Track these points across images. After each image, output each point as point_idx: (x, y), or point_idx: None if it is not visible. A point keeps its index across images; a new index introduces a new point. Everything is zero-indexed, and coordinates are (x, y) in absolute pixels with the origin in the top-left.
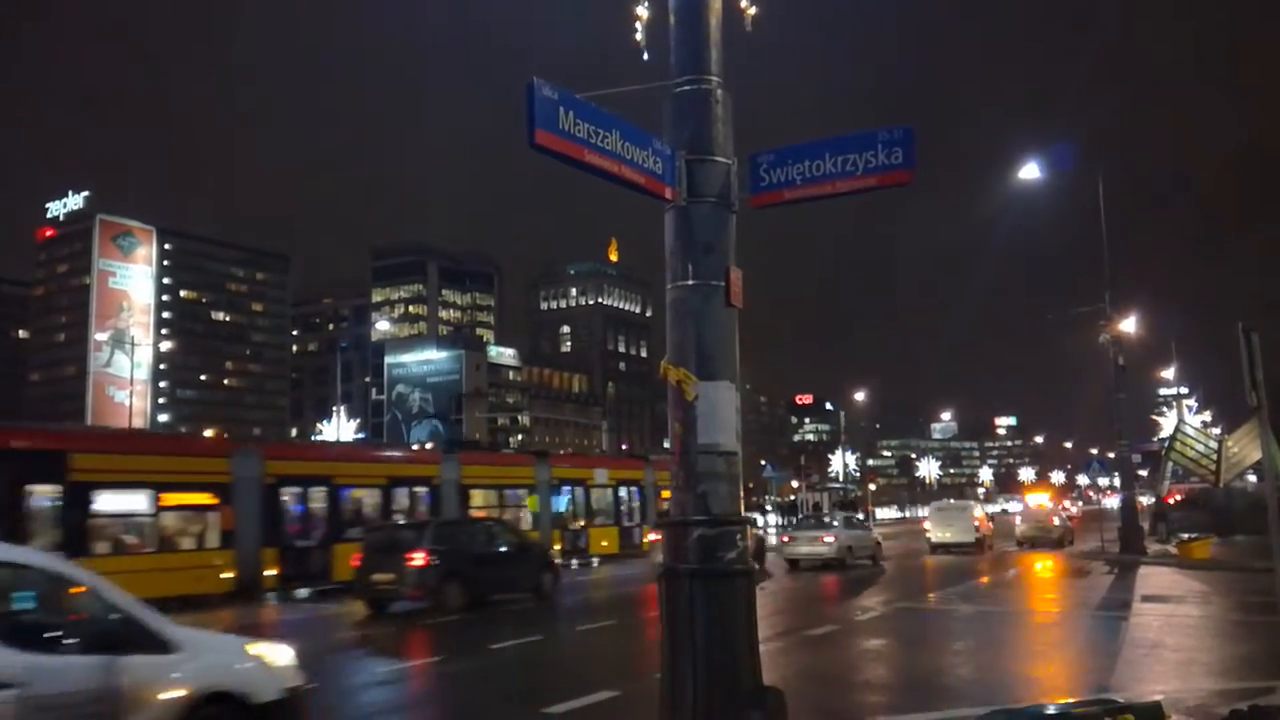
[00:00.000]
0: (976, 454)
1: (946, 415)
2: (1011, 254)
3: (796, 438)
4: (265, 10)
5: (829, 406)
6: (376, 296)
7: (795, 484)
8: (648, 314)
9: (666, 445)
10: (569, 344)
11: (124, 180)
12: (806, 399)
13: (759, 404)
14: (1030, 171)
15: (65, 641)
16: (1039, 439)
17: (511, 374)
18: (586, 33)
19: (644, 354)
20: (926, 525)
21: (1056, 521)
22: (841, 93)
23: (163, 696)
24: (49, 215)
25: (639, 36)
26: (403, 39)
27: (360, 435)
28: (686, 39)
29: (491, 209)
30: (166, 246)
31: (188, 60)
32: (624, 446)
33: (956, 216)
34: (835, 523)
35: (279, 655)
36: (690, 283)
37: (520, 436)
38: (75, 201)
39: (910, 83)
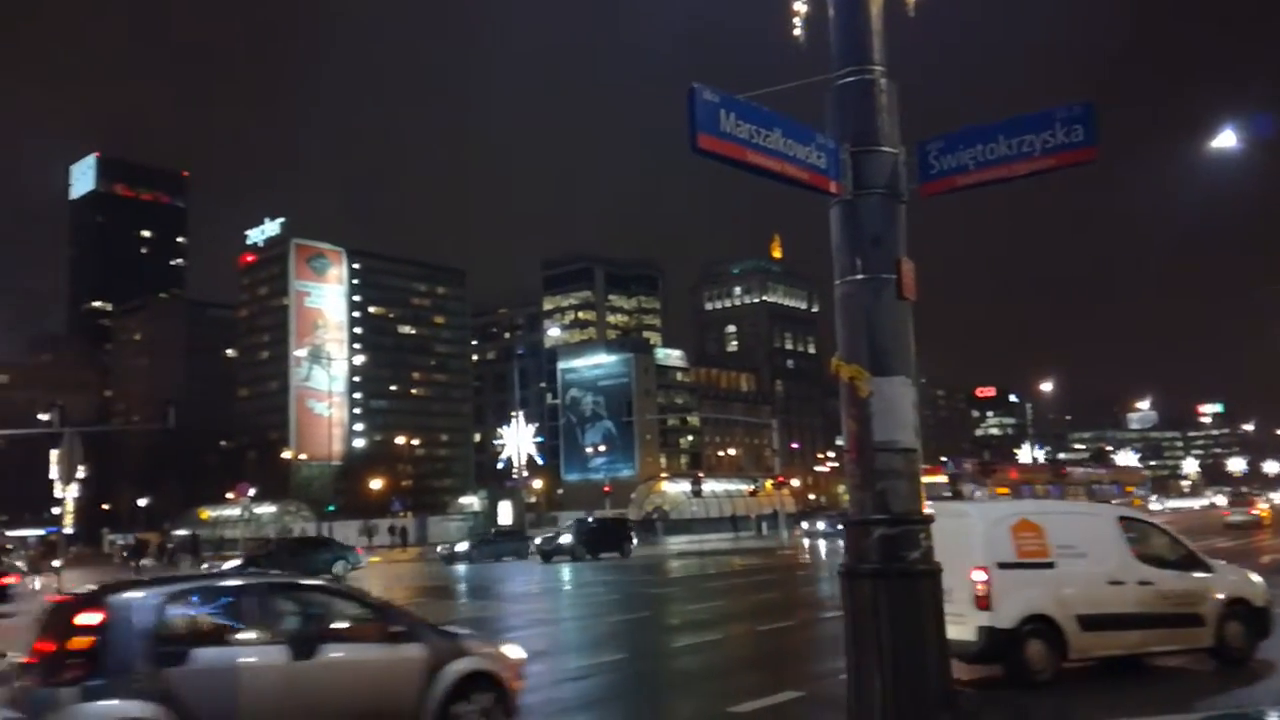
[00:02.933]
0: (1179, 444)
1: (1144, 404)
2: (1210, 229)
3: (979, 432)
4: (420, 31)
5: (1013, 398)
6: (547, 304)
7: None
8: (815, 310)
9: (840, 443)
10: (735, 343)
11: (314, 205)
12: (988, 391)
13: (936, 398)
14: (1226, 140)
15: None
16: (1248, 426)
17: (679, 375)
18: (743, 32)
19: (812, 350)
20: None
21: None
22: (1012, 71)
23: (1215, 595)
24: (249, 242)
25: (797, 31)
26: (555, 51)
27: (538, 440)
28: (847, 29)
29: (653, 213)
30: (355, 266)
31: (356, 90)
32: (794, 446)
33: (1149, 190)
34: None
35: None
36: (859, 277)
37: (690, 437)
38: (272, 228)
39: (1073, 52)
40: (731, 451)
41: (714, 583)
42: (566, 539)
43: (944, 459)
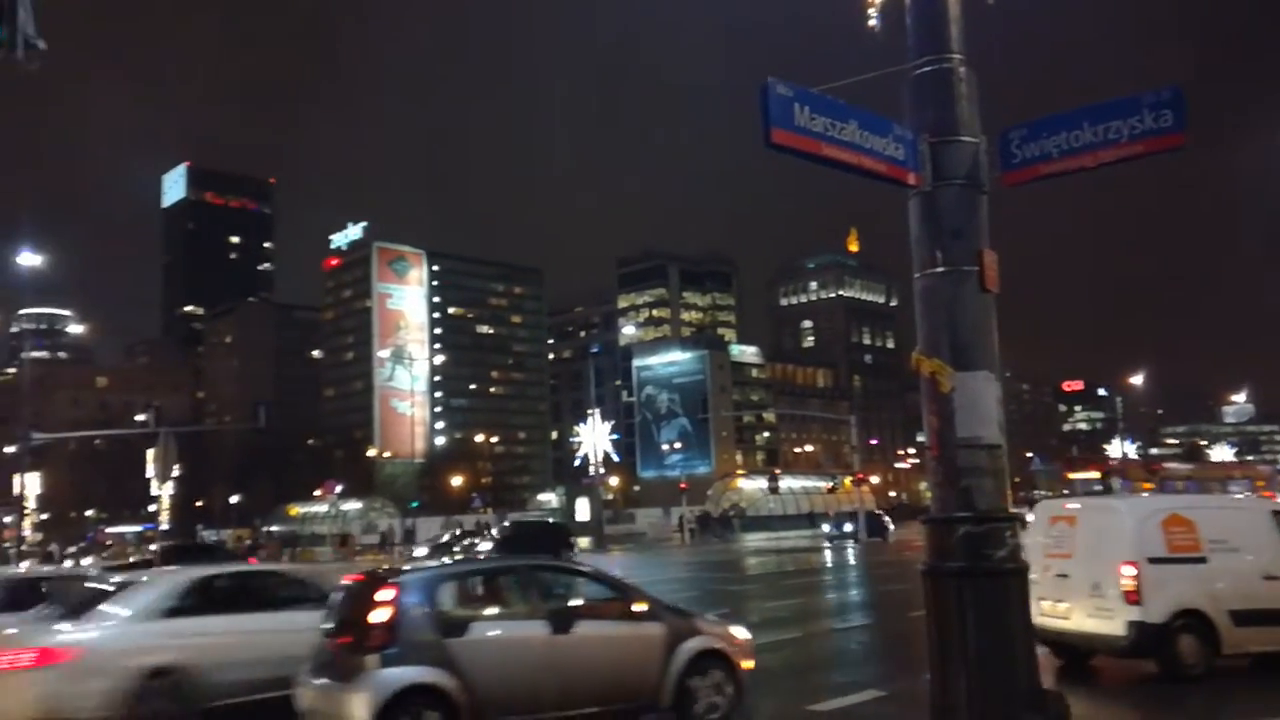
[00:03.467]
0: (1279, 438)
1: (1239, 396)
2: None
3: (1066, 427)
4: (494, 31)
5: (1102, 392)
6: (622, 302)
7: (1077, 476)
8: (893, 304)
9: (921, 439)
10: (811, 339)
11: (395, 207)
12: (1076, 385)
13: (1021, 393)
14: None
15: None
16: None
17: (754, 372)
18: (816, 24)
19: (891, 345)
20: None
21: None
22: (1096, 56)
23: None
24: (333, 246)
25: (873, 21)
26: (626, 47)
27: (614, 437)
28: (924, 17)
29: (726, 209)
30: (434, 268)
31: (433, 92)
32: (873, 442)
33: (1245, 175)
34: None
35: None
36: (939, 270)
37: (766, 434)
38: (355, 232)
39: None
40: (809, 448)
41: (792, 580)
42: (485, 545)
43: (1030, 454)
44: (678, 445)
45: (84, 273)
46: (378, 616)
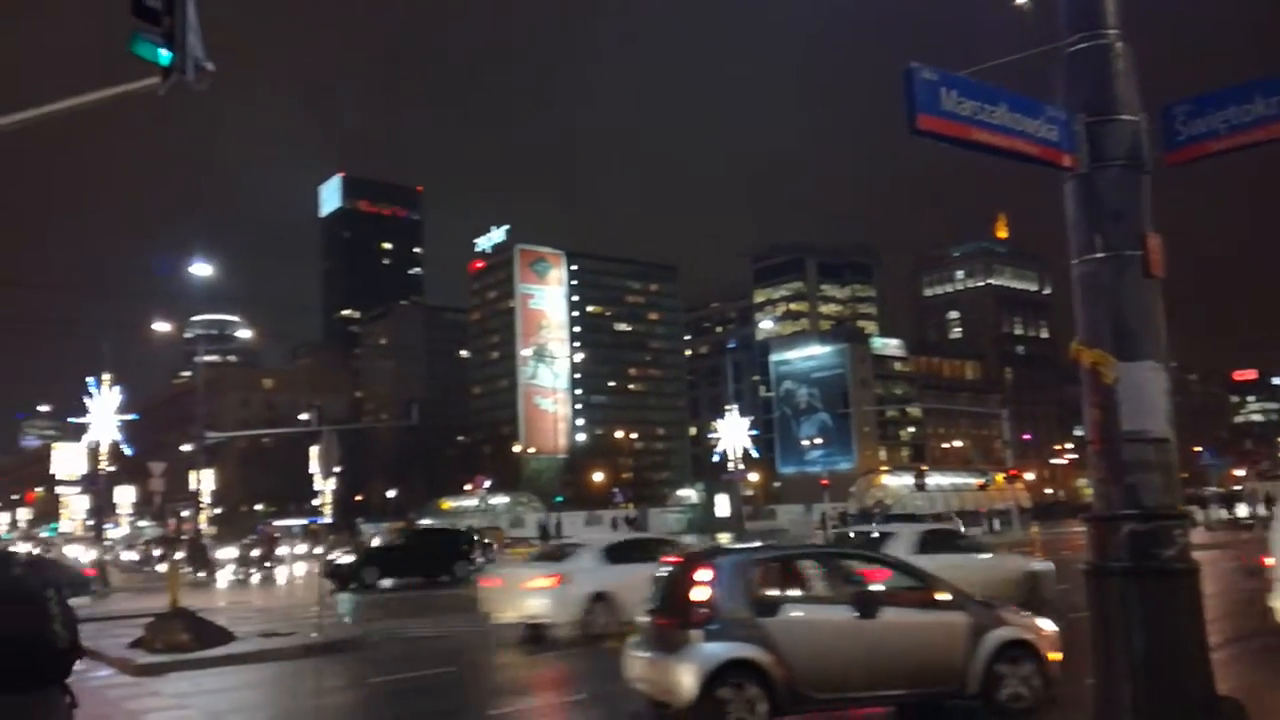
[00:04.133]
0: None
1: None
2: None
3: (1238, 419)
4: (621, 29)
5: (1276, 381)
6: (758, 297)
7: (1239, 472)
8: (1046, 291)
9: (1080, 433)
10: (958, 330)
11: (536, 209)
12: (1249, 375)
13: (1189, 383)
14: None
15: None
16: None
17: (898, 365)
18: (958, 5)
19: (1045, 335)
20: None
21: None
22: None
23: None
24: (477, 250)
25: (1021, 0)
26: (757, 36)
27: (753, 432)
28: None
29: (865, 199)
30: (573, 267)
31: (567, 93)
32: (1026, 437)
33: None
34: None
35: None
36: (1099, 255)
37: (911, 429)
38: (498, 235)
39: None
40: (957, 443)
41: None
42: (347, 559)
43: (1198, 449)
44: (818, 441)
45: (250, 280)
46: (698, 595)
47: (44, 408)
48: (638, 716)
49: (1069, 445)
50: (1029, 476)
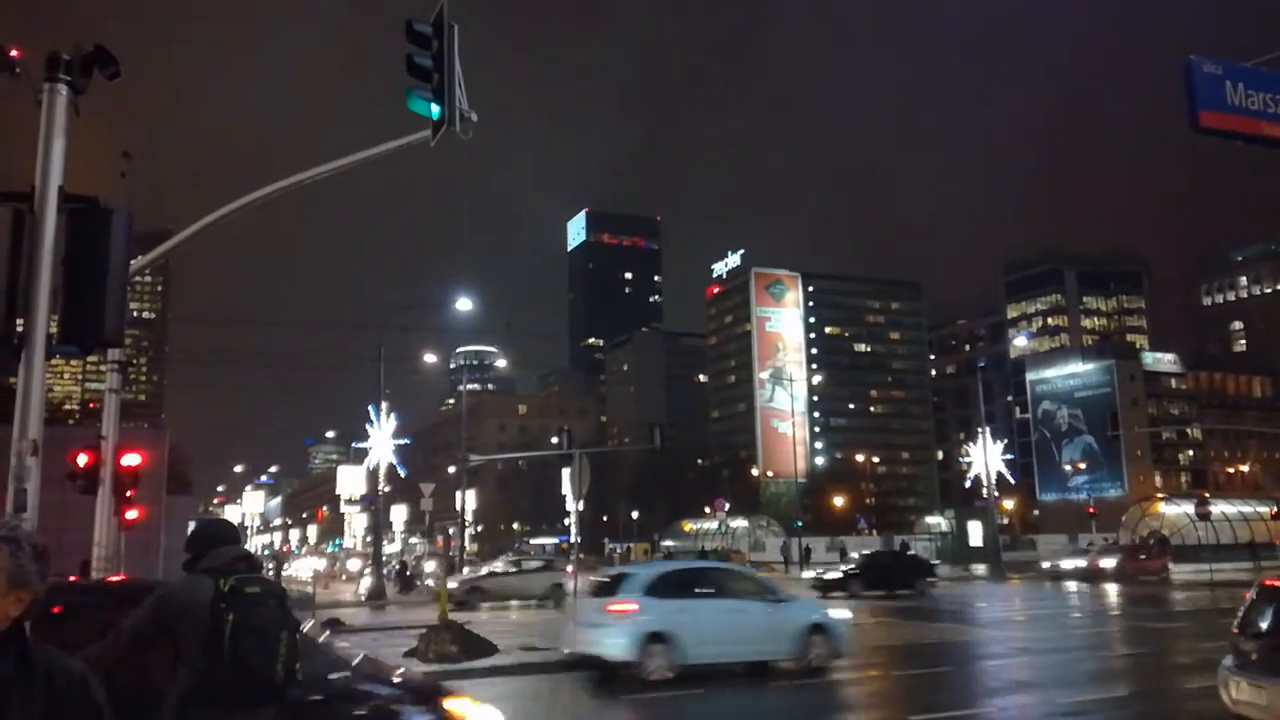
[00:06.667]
0: None
1: None
2: None
3: None
4: (859, 39)
5: None
6: (1011, 312)
7: None
8: None
9: None
10: (1243, 342)
11: (771, 232)
12: None
13: None
14: None
15: None
16: None
17: (1173, 382)
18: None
19: None
20: None
21: None
22: None
23: None
24: (714, 275)
25: None
26: (1007, 39)
27: (1007, 457)
28: None
29: (1130, 202)
30: (809, 289)
31: (800, 114)
32: None
33: None
34: None
35: None
36: None
37: (1190, 452)
38: (733, 260)
39: None
40: (1244, 468)
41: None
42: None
43: None
44: (1082, 465)
45: (505, 312)
46: None
47: (330, 434)
48: None
49: None
50: None
